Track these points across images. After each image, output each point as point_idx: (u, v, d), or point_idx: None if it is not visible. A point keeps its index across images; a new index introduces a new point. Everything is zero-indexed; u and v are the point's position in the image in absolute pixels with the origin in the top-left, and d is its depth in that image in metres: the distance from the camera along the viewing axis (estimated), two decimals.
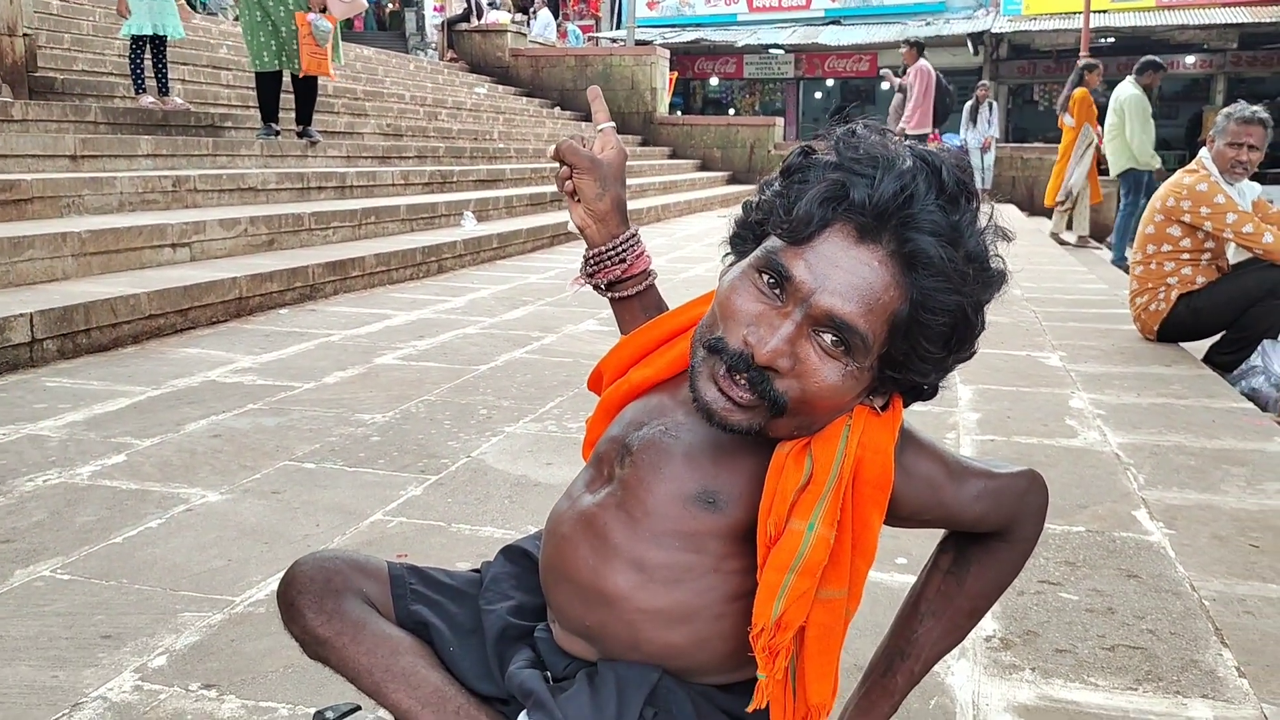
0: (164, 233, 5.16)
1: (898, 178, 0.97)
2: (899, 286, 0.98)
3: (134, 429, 3.10)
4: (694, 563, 1.08)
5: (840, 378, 0.99)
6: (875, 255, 0.97)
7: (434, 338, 4.55)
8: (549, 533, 1.19)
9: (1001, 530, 1.23)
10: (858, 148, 1.00)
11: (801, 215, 0.98)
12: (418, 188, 8.60)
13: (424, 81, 14.18)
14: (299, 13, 7.36)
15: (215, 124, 7.86)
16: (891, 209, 0.96)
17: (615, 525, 1.10)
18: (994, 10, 22.72)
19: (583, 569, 1.11)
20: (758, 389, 0.99)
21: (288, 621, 1.20)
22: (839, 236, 0.98)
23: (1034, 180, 15.47)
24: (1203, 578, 2.19)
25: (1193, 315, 4.63)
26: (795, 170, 1.03)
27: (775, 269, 0.99)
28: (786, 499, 1.04)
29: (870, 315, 0.97)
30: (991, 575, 1.26)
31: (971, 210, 1.01)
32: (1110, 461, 2.98)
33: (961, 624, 1.28)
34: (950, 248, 0.98)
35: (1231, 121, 4.53)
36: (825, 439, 1.05)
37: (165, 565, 2.16)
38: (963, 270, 0.99)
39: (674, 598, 1.08)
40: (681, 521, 1.08)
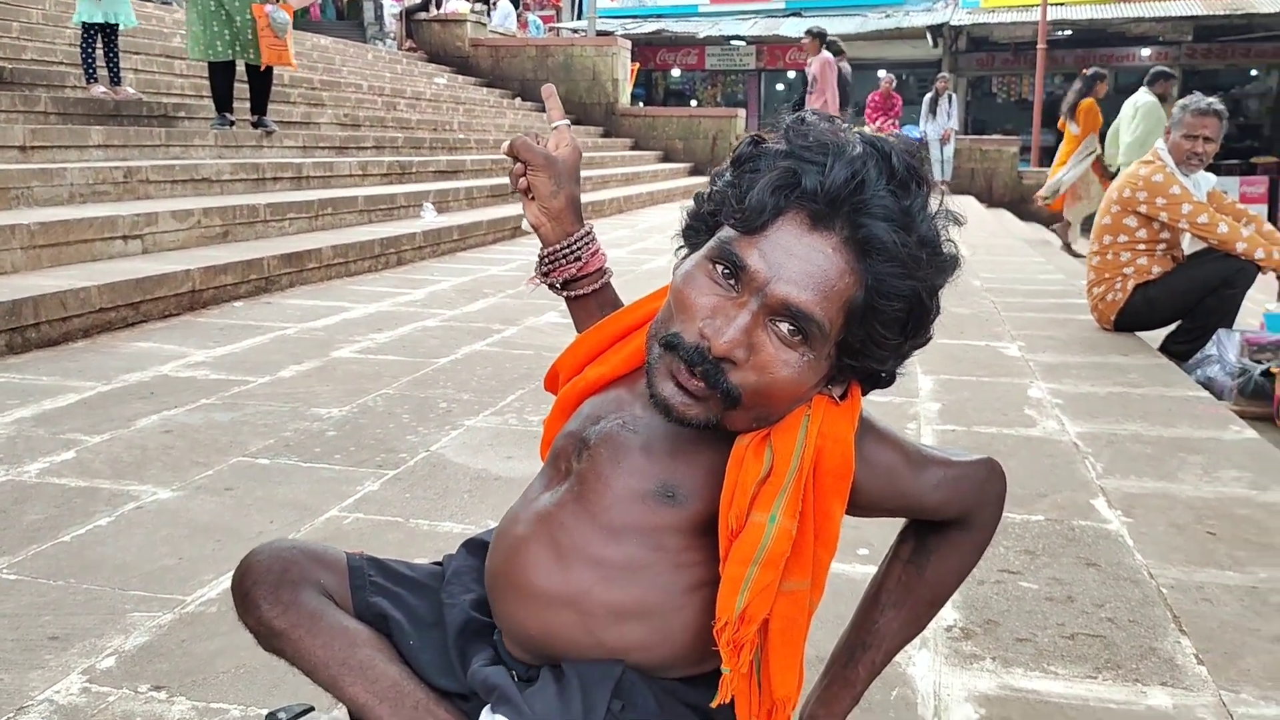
0: (115, 224, 5.06)
1: (848, 164, 0.96)
2: (854, 273, 0.98)
3: (84, 425, 3.03)
4: (653, 558, 1.06)
5: (798, 367, 0.99)
6: (829, 242, 0.97)
7: (393, 330, 4.50)
8: (499, 538, 1.16)
9: (961, 519, 1.22)
10: (807, 135, 1.00)
11: (754, 204, 0.97)
12: (376, 178, 8.50)
13: (382, 71, 14.03)
14: (255, 4, 7.24)
15: (168, 114, 7.72)
16: (843, 195, 0.96)
17: (573, 522, 1.08)
18: (953, 3, 22.85)
19: (539, 570, 1.08)
20: (711, 381, 0.98)
21: (242, 613, 1.17)
22: (792, 225, 0.97)
23: (993, 172, 15.61)
24: (1160, 566, 2.20)
25: (1149, 305, 4.68)
26: (746, 160, 1.03)
27: (729, 259, 0.98)
28: (747, 491, 1.03)
29: (826, 303, 0.97)
30: (952, 564, 1.26)
31: (922, 195, 1.01)
32: (1069, 450, 3.00)
33: (922, 613, 1.28)
34: (903, 232, 0.98)
35: (1187, 114, 4.57)
36: (784, 430, 1.04)
37: (115, 564, 2.11)
38: (916, 255, 0.99)
39: (633, 594, 1.06)
40: (640, 516, 1.06)
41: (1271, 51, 21.82)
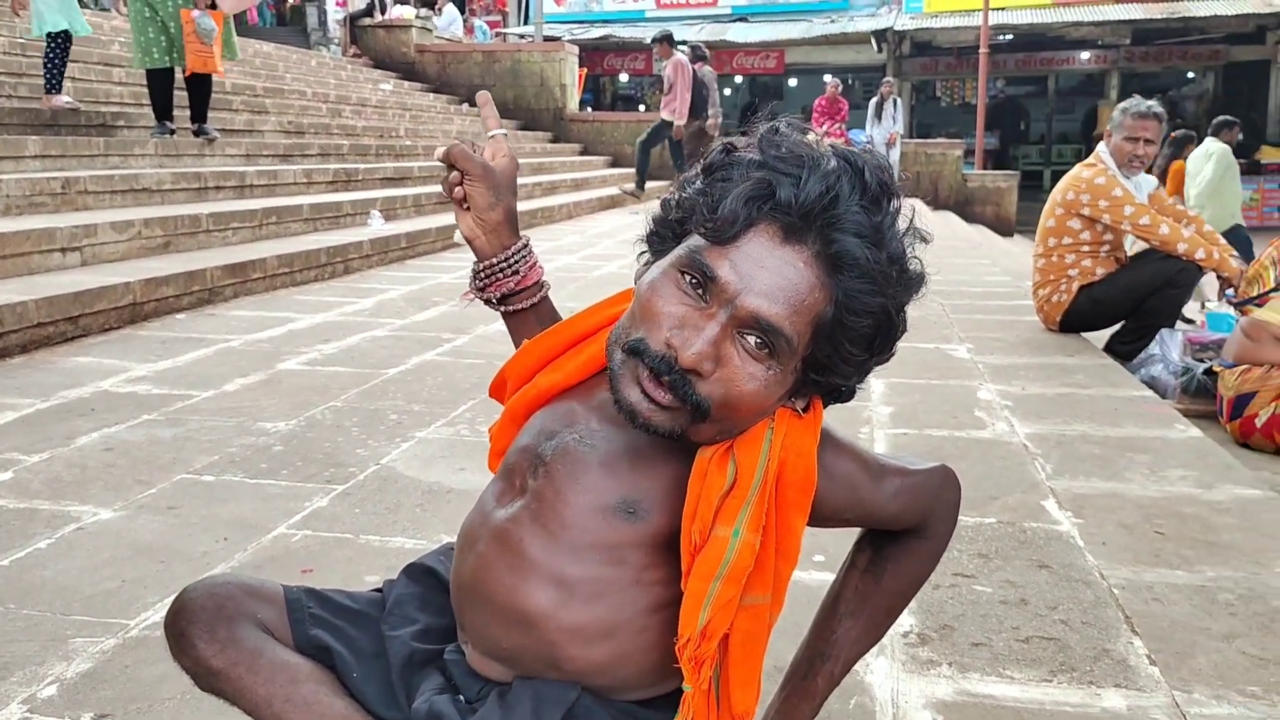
0: (53, 236, 4.94)
1: (823, 178, 0.95)
2: (824, 288, 0.97)
3: (21, 444, 2.95)
4: (615, 575, 1.05)
5: (764, 380, 0.98)
6: (801, 256, 0.96)
7: (340, 341, 4.44)
8: (461, 549, 1.13)
9: (917, 527, 1.23)
10: (781, 146, 0.99)
11: (726, 214, 0.96)
12: (322, 186, 8.40)
13: (327, 78, 13.88)
14: (183, 9, 7.11)
15: (107, 123, 7.58)
16: (817, 209, 0.95)
17: (531, 540, 1.05)
18: (896, 8, 23.10)
19: (499, 588, 1.06)
20: (679, 393, 0.96)
21: (178, 653, 1.13)
22: (764, 237, 0.96)
23: (938, 175, 15.79)
24: (1111, 566, 2.23)
25: (1093, 306, 4.74)
26: (717, 168, 1.01)
27: (699, 269, 0.97)
28: (711, 505, 1.01)
29: (795, 317, 0.96)
30: (908, 571, 1.26)
31: (893, 212, 1.00)
32: (1019, 452, 3.02)
33: (880, 622, 1.28)
34: (875, 249, 0.97)
35: (1128, 116, 4.64)
36: (748, 443, 1.03)
37: (55, 588, 2.05)
38: (886, 272, 0.98)
39: (596, 613, 1.04)
40: (601, 533, 1.04)
41: (1207, 54, 22.33)
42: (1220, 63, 22.61)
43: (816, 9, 23.70)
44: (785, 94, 28.13)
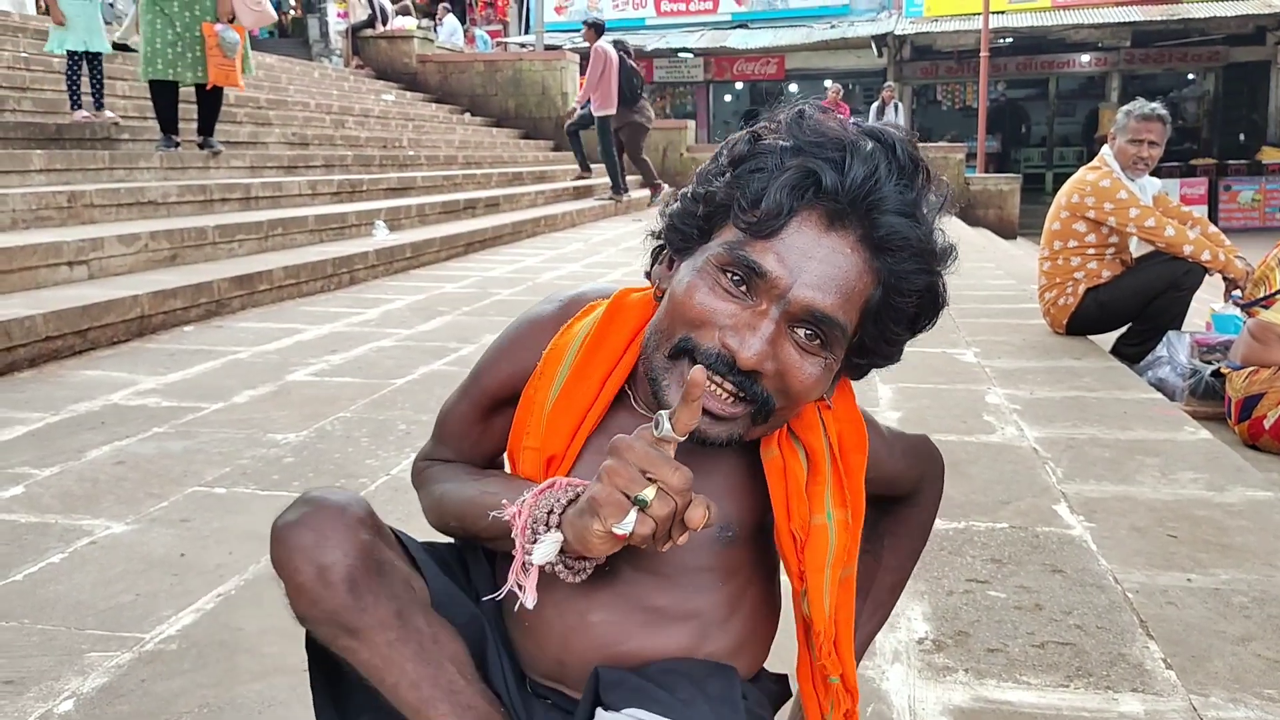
0: (60, 250, 4.95)
1: (865, 160, 0.93)
2: (871, 271, 0.95)
3: (32, 458, 2.95)
4: (734, 589, 1.08)
5: (820, 372, 0.96)
6: (847, 241, 0.93)
7: (347, 352, 4.44)
8: (544, 630, 1.06)
9: (910, 494, 1.26)
10: (812, 130, 0.95)
11: (771, 206, 0.92)
12: (326, 197, 8.41)
13: (329, 89, 13.90)
14: (206, 23, 7.14)
15: (111, 136, 7.59)
16: (862, 193, 0.92)
17: (654, 591, 1.05)
18: (896, 13, 23.12)
19: (634, 646, 1.05)
20: (746, 393, 0.94)
21: (298, 597, 0.97)
22: (808, 225, 0.93)
23: None
24: (1125, 570, 2.22)
25: (1100, 309, 4.74)
26: (748, 158, 0.97)
27: (744, 265, 0.93)
28: (803, 499, 1.02)
29: (848, 305, 0.94)
30: (905, 544, 1.30)
31: (927, 186, 0.98)
32: (1029, 456, 3.02)
33: (885, 600, 1.30)
34: (917, 226, 0.95)
35: (1132, 119, 4.64)
36: (805, 425, 1.03)
37: (69, 603, 2.05)
38: (930, 248, 0.96)
39: (733, 630, 1.08)
40: (712, 559, 1.06)
41: (1207, 55, 22.32)
42: (1220, 64, 22.59)
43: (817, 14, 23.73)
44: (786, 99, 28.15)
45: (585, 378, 1.05)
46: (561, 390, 1.05)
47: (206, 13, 7.17)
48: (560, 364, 1.06)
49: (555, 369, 1.06)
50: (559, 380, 1.05)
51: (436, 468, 1.18)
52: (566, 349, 1.07)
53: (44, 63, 9.09)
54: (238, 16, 7.33)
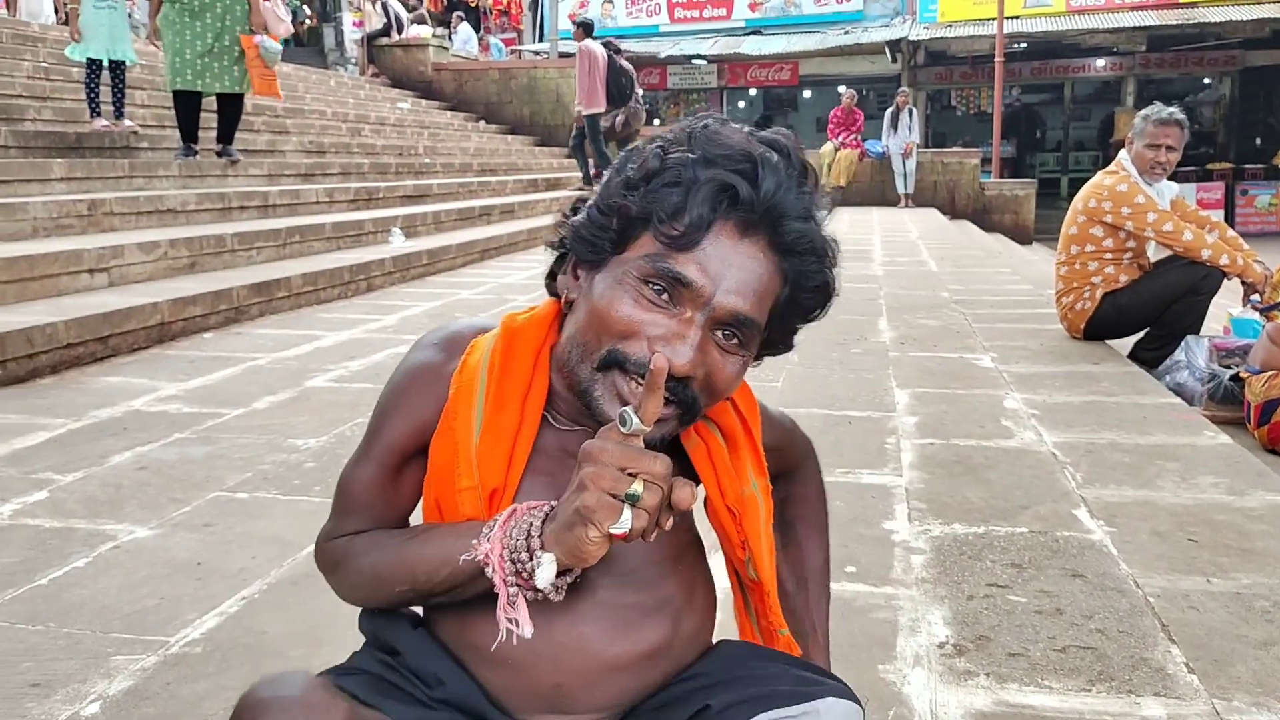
0: (81, 258, 5.00)
1: (773, 170, 0.97)
2: (780, 272, 1.00)
3: (55, 463, 2.98)
4: (686, 570, 1.12)
5: (740, 369, 1.01)
6: (758, 247, 0.98)
7: (366, 358, 4.46)
8: (536, 646, 1.02)
9: (796, 468, 1.32)
10: (720, 142, 0.99)
11: (694, 220, 0.95)
12: (343, 205, 8.46)
13: (345, 98, 13.99)
14: (244, 35, 7.21)
15: (130, 144, 7.66)
16: (771, 202, 0.97)
17: (624, 590, 1.06)
18: (910, 18, 23.09)
19: (623, 649, 1.05)
20: (678, 397, 0.97)
21: None
22: (724, 235, 0.97)
23: (955, 184, 15.76)
24: (1146, 574, 2.22)
25: (1118, 313, 4.73)
26: (658, 173, 0.99)
27: (668, 276, 0.96)
28: (732, 475, 1.08)
29: (762, 305, 0.99)
30: (814, 519, 1.33)
31: (815, 187, 1.02)
32: (1048, 461, 3.01)
33: (822, 579, 1.32)
34: (816, 227, 1.01)
35: (1149, 124, 4.63)
36: (716, 409, 1.09)
37: (94, 606, 2.07)
38: (827, 246, 1.02)
39: (698, 609, 1.13)
40: (669, 546, 1.09)
41: (1223, 60, 22.22)
42: (1236, 68, 22.49)
43: (831, 20, 23.72)
44: (799, 105, 28.13)
45: (504, 407, 1.05)
46: (484, 424, 1.05)
47: (238, 22, 7.24)
48: (472, 400, 1.06)
49: (469, 407, 1.06)
50: (478, 416, 1.05)
51: (354, 541, 1.13)
52: (473, 384, 1.06)
53: (64, 72, 9.17)
54: (269, 26, 7.39)
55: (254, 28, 7.28)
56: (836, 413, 3.57)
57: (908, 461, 3.02)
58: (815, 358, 4.51)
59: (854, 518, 2.56)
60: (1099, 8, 21.38)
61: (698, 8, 24.97)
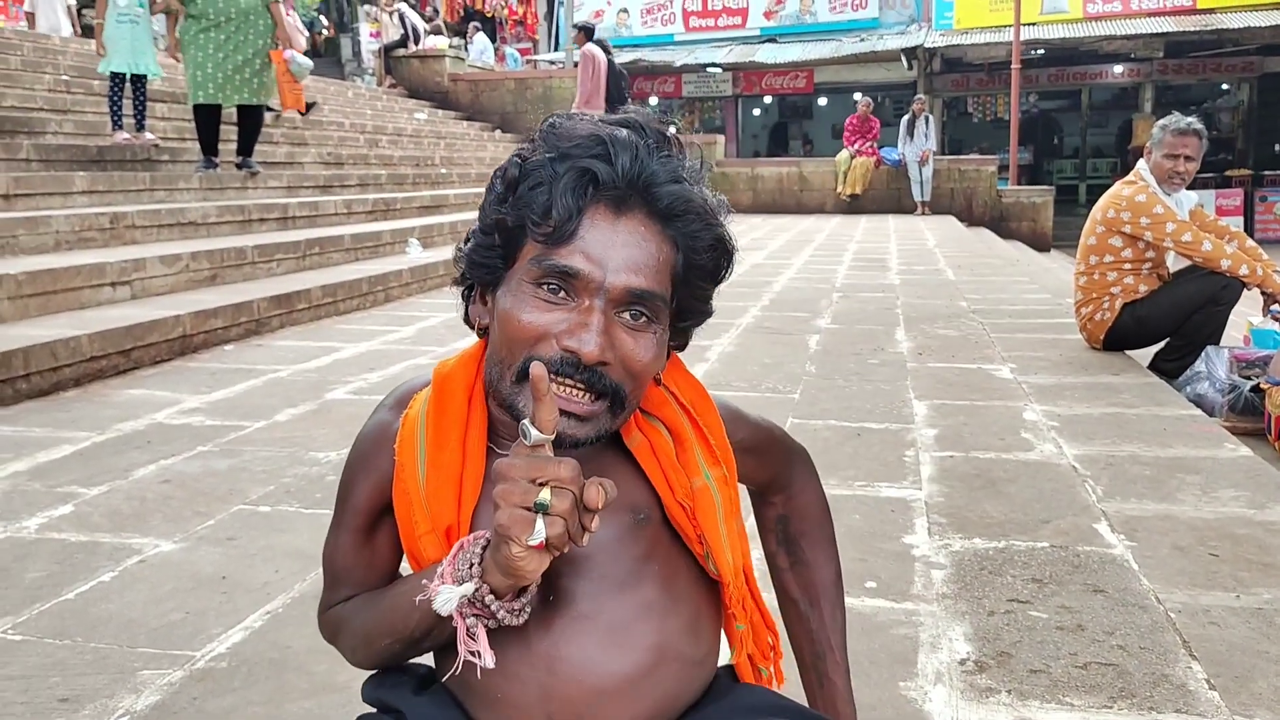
0: (103, 271, 5.05)
1: (625, 146, 0.99)
2: (667, 240, 1.01)
3: (80, 477, 3.01)
4: (667, 571, 1.08)
5: (654, 346, 1.01)
6: (637, 221, 0.99)
7: (385, 370, 4.49)
8: (520, 675, 1.04)
9: (785, 474, 1.28)
10: (570, 135, 1.01)
11: (561, 212, 0.97)
12: (361, 216, 8.51)
13: (363, 109, 14.06)
14: (273, 51, 7.29)
15: (151, 158, 7.72)
16: (635, 175, 0.98)
17: (603, 601, 1.04)
18: (926, 25, 23.06)
19: (605, 665, 1.03)
20: (597, 387, 0.98)
21: None
22: (599, 219, 0.98)
23: (972, 191, 15.73)
24: (1167, 590, 2.21)
25: (1137, 324, 4.71)
26: (522, 179, 1.01)
27: (556, 273, 0.97)
28: (677, 468, 1.07)
29: (659, 276, 1.00)
30: (819, 533, 1.30)
31: (681, 152, 1.04)
32: (1068, 474, 3.01)
33: (836, 594, 1.30)
34: (690, 187, 1.01)
35: (1168, 133, 4.62)
36: (657, 403, 1.09)
37: (121, 621, 2.09)
38: (707, 204, 1.03)
39: (685, 611, 1.08)
40: (638, 547, 1.07)
41: (1241, 66, 22.11)
42: (1255, 74, 22.35)
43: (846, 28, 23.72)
44: (815, 113, 28.13)
45: (444, 446, 1.06)
46: (427, 464, 1.06)
47: (260, 36, 7.31)
48: (414, 449, 1.07)
49: (413, 458, 1.07)
50: (421, 461, 1.07)
51: (344, 608, 1.16)
52: (414, 434, 1.08)
53: (85, 85, 9.26)
54: (292, 41, 7.47)
55: (279, 41, 7.35)
56: (853, 424, 3.57)
57: (927, 474, 3.02)
58: (832, 369, 4.51)
59: (873, 531, 2.57)
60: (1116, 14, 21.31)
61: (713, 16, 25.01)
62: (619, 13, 25.59)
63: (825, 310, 6.26)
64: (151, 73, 7.63)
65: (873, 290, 7.22)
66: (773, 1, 24.27)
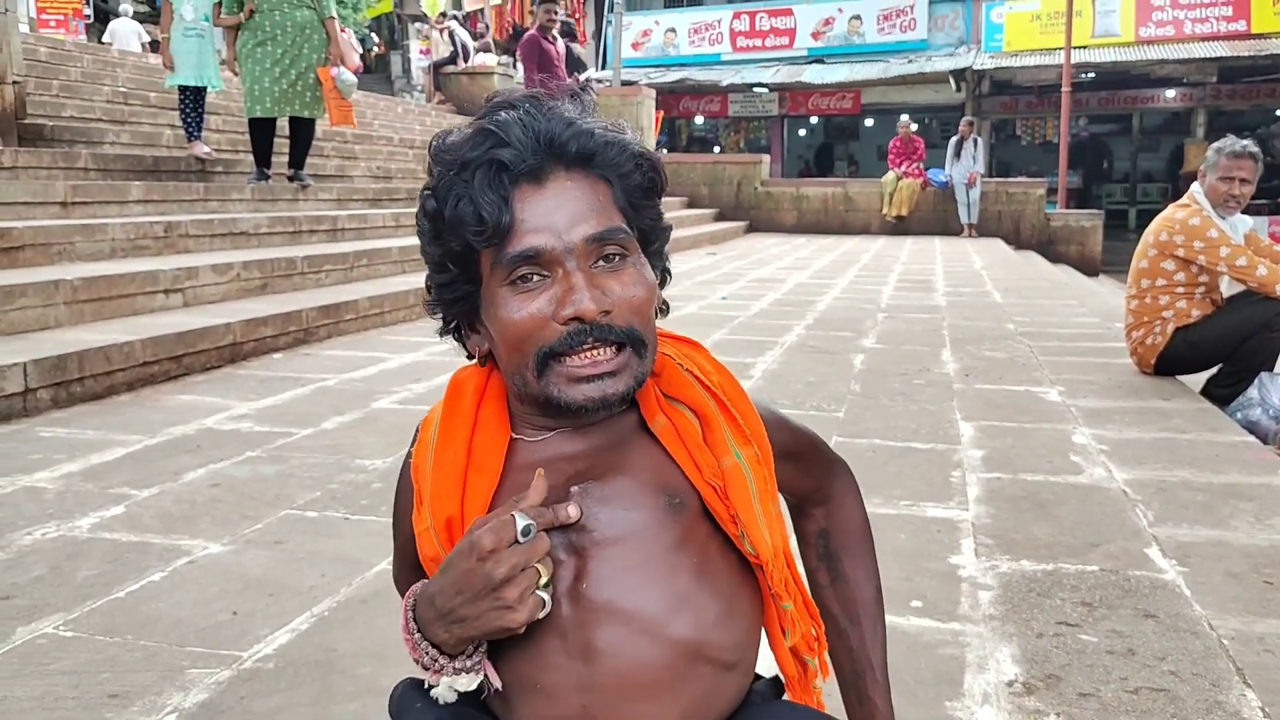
0: (157, 279, 5.13)
1: (512, 124, 1.01)
2: (596, 179, 1.03)
3: (132, 479, 3.06)
4: (701, 559, 1.05)
5: (639, 275, 1.03)
6: (560, 178, 1.02)
7: (430, 380, 4.52)
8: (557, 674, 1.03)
9: (823, 484, 1.26)
10: (458, 143, 1.04)
11: (491, 210, 0.99)
12: (409, 229, 8.58)
13: (412, 124, 14.23)
14: (321, 68, 7.41)
15: (205, 169, 7.86)
16: (535, 141, 1.01)
17: (639, 592, 1.02)
18: (975, 47, 22.97)
19: (641, 657, 1.02)
20: (612, 339, 1.00)
21: None
22: (527, 196, 1.00)
23: (1020, 214, 15.59)
24: (1220, 616, 2.17)
25: (1189, 349, 4.64)
26: (443, 201, 1.03)
27: (520, 260, 0.99)
28: (704, 449, 1.06)
29: (606, 214, 1.02)
30: (858, 546, 1.28)
31: (558, 98, 1.06)
32: (1118, 498, 2.97)
33: (877, 611, 1.28)
34: (584, 120, 1.04)
35: (1223, 156, 4.56)
36: (679, 385, 1.09)
37: (170, 620, 2.12)
38: (610, 130, 1.05)
39: (719, 602, 1.05)
40: (673, 533, 1.05)
41: None
42: None
43: (894, 49, 23.67)
44: (861, 134, 28.06)
45: (450, 442, 1.08)
46: (434, 459, 1.09)
47: (315, 51, 7.43)
48: (426, 452, 1.10)
49: (425, 458, 1.10)
50: (429, 459, 1.09)
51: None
52: (427, 437, 1.12)
53: (141, 97, 9.46)
54: (345, 58, 7.59)
55: (330, 58, 7.46)
56: (899, 444, 3.55)
57: (974, 495, 2.99)
58: (877, 388, 4.48)
59: (919, 551, 2.54)
60: (1169, 38, 21.09)
61: (760, 36, 25.06)
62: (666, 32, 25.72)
63: (870, 330, 6.23)
64: (214, 85, 7.78)
65: (918, 311, 7.17)
66: (820, 22, 24.28)
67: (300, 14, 7.39)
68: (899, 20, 23.73)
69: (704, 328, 5.96)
